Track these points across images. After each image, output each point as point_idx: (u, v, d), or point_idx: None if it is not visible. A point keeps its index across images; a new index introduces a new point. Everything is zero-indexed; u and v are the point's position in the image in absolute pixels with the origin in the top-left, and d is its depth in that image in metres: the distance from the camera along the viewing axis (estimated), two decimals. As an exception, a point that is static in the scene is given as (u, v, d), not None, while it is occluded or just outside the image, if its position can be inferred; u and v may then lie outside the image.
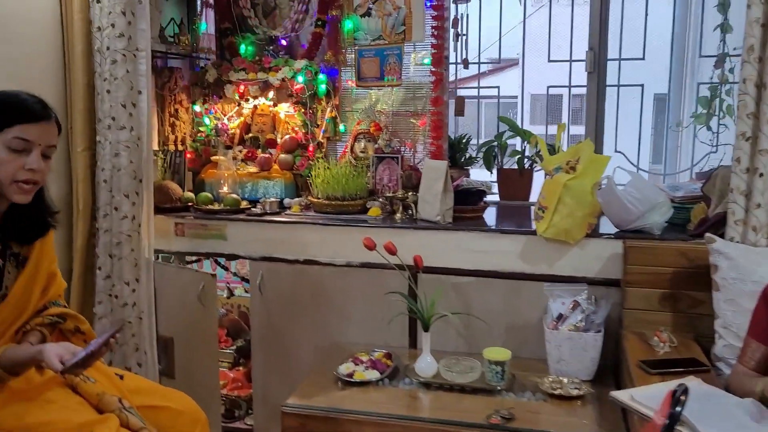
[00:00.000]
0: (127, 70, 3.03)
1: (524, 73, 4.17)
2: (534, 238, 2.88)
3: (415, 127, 3.80)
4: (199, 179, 3.65)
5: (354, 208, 3.31)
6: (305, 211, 3.40)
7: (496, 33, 4.39)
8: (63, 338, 2.16)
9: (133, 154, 3.07)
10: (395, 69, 3.76)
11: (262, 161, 3.60)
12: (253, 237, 3.26)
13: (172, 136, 3.96)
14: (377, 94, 3.80)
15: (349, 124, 3.85)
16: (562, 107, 4.15)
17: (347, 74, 3.82)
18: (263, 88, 3.64)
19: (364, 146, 3.65)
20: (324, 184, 3.31)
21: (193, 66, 4.09)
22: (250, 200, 3.52)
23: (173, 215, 3.36)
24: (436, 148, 3.72)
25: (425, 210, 3.15)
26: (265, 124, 3.80)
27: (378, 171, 3.51)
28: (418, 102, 3.77)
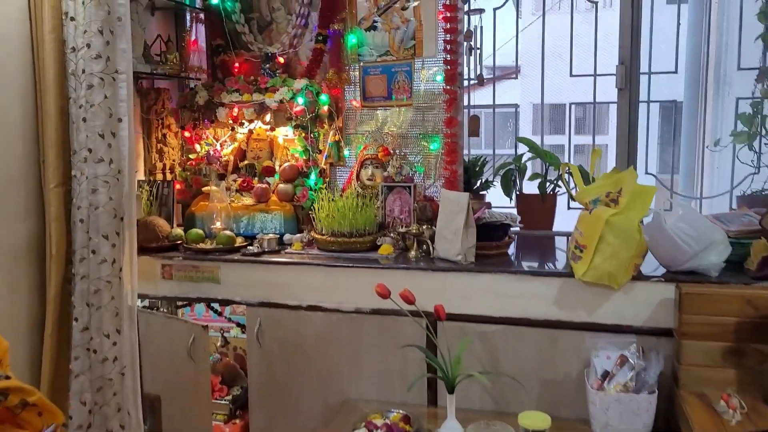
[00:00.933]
0: (106, 95, 2.68)
1: (543, 83, 3.82)
2: (571, 281, 2.52)
3: (426, 150, 3.45)
4: (189, 213, 3.29)
5: (363, 246, 2.95)
6: (308, 248, 3.04)
7: (508, 44, 4.05)
8: (9, 416, 1.80)
9: (113, 189, 2.72)
10: (404, 87, 3.42)
11: (258, 192, 3.25)
12: (250, 280, 2.90)
13: (160, 164, 3.61)
14: (384, 115, 3.45)
15: (354, 148, 3.50)
16: (565, 117, 3.78)
17: (351, 94, 3.48)
18: (259, 111, 3.29)
19: (372, 173, 3.30)
20: (329, 218, 2.95)
21: (183, 87, 3.74)
22: (245, 236, 3.16)
23: (160, 256, 2.99)
24: (450, 173, 3.37)
25: (444, 247, 2.79)
26: (261, 150, 3.45)
27: (388, 201, 3.15)
28: (428, 123, 3.43)
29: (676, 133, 4.18)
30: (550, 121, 14.96)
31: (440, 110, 3.40)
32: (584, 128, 15.31)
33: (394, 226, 3.08)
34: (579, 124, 15.11)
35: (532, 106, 12.40)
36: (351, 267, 2.78)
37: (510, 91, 3.90)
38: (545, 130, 4.25)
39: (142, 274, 2.95)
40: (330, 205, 3.00)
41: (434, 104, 3.42)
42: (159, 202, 3.36)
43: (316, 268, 2.82)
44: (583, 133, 14.76)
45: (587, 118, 15.30)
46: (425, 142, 3.45)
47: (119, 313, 2.77)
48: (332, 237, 2.95)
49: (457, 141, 3.39)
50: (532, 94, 4.72)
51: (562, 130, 12.84)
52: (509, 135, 5.75)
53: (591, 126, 14.45)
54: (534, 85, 4.16)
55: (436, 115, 3.41)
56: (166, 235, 3.08)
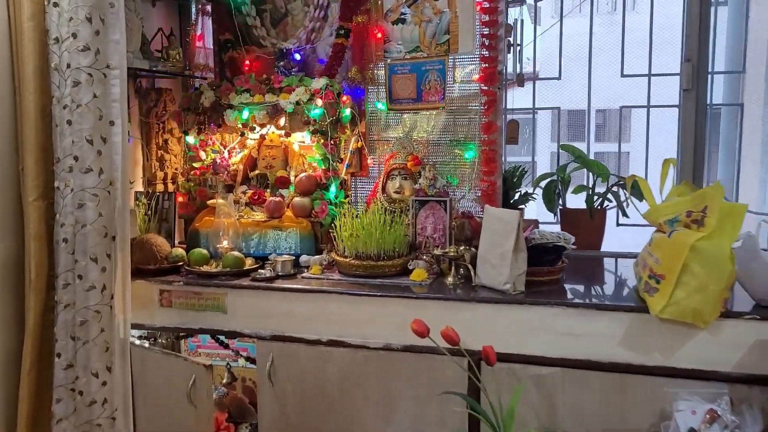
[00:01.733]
0: (95, 94, 2.31)
1: (591, 85, 3.43)
2: (644, 317, 2.11)
3: (459, 159, 3.05)
4: (193, 229, 2.90)
5: (392, 270, 2.54)
6: (328, 272, 2.64)
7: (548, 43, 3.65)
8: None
9: (103, 204, 2.34)
10: (436, 88, 3.02)
11: (271, 206, 2.85)
12: (261, 309, 2.50)
13: (161, 173, 3.22)
14: (414, 119, 3.06)
15: (378, 156, 3.11)
16: (587, 123, 3.36)
17: (376, 95, 3.09)
18: (272, 114, 2.90)
19: (400, 185, 2.90)
20: (352, 238, 2.55)
21: (187, 87, 3.36)
22: (256, 257, 2.76)
23: (158, 280, 2.60)
24: (488, 185, 2.97)
25: (488, 274, 2.38)
26: (275, 159, 3.05)
27: (419, 218, 2.75)
28: (463, 128, 3.03)
29: (742, 140, 3.76)
30: (568, 128, 14.52)
31: (477, 114, 3.01)
32: (604, 135, 14.83)
33: (428, 246, 2.68)
34: (598, 131, 14.65)
35: (550, 112, 11.97)
36: (379, 296, 2.38)
37: (541, 93, 3.49)
38: (563, 137, 3.83)
39: (137, 300, 2.57)
40: (353, 222, 2.60)
41: (470, 107, 3.02)
42: (158, 217, 2.97)
43: (338, 296, 2.42)
44: (602, 140, 14.29)
45: (607, 125, 14.82)
46: (459, 150, 3.06)
47: (110, 347, 2.39)
48: (356, 260, 2.54)
49: (495, 149, 2.99)
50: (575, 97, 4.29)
51: (580, 137, 12.42)
52: (524, 141, 5.32)
53: (612, 133, 13.98)
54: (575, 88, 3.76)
55: (471, 120, 3.01)
56: (166, 255, 2.69)
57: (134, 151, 3.13)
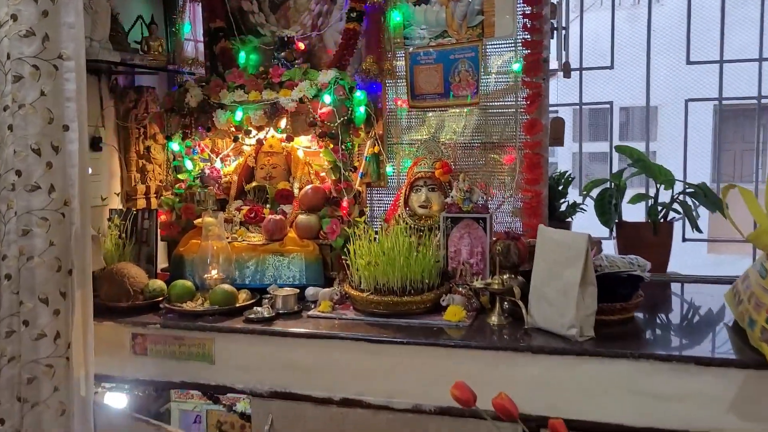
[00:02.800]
0: (43, 91, 1.83)
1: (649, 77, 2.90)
2: (764, 374, 1.58)
3: (496, 165, 2.54)
4: (177, 255, 2.40)
5: (421, 307, 2.03)
6: (340, 309, 2.13)
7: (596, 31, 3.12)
8: None
9: (56, 230, 1.86)
10: (468, 80, 2.51)
11: (270, 226, 2.35)
12: (257, 358, 2.00)
13: (142, 186, 2.73)
14: (441, 118, 2.56)
15: (399, 163, 2.60)
16: (610, 122, 2.83)
17: (396, 90, 2.59)
18: (272, 114, 2.40)
19: (426, 198, 2.38)
20: (371, 267, 2.04)
21: (175, 84, 2.87)
22: (253, 289, 2.26)
23: (130, 321, 2.10)
24: (532, 196, 2.46)
25: (544, 313, 1.86)
26: (275, 168, 2.55)
27: (451, 239, 2.23)
28: (499, 128, 2.52)
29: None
30: (589, 127, 13.92)
31: (517, 111, 2.49)
32: (628, 134, 14.24)
33: (464, 275, 2.15)
34: (621, 130, 14.04)
35: (570, 108, 11.38)
36: (406, 343, 1.86)
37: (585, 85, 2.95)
38: (585, 137, 3.31)
39: (105, 347, 2.07)
40: (371, 246, 2.09)
41: (508, 103, 2.51)
42: (137, 240, 2.47)
43: (354, 343, 1.91)
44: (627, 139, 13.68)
45: (630, 123, 14.23)
46: (495, 155, 2.55)
47: (66, 410, 1.91)
48: (376, 294, 2.03)
49: (540, 152, 2.48)
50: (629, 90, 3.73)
51: (602, 136, 11.81)
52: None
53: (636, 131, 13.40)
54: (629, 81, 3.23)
55: (510, 118, 2.50)
56: (141, 289, 2.19)
57: (110, 161, 2.64)
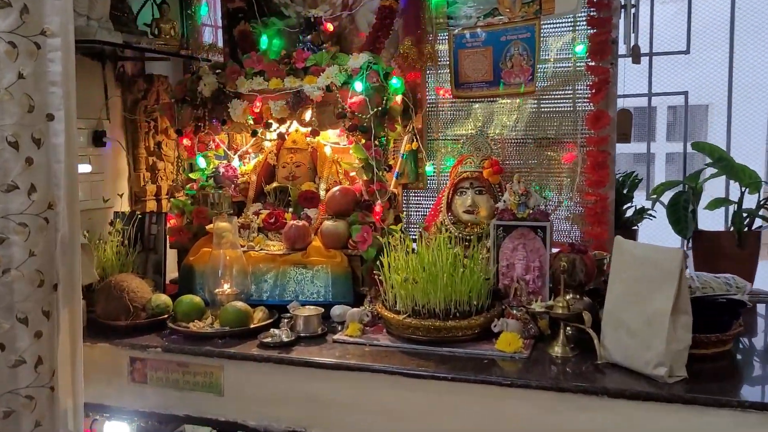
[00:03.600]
0: (21, 73, 1.57)
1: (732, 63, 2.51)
2: None
3: (553, 164, 2.20)
4: (186, 265, 2.10)
5: (467, 334, 1.70)
6: (372, 332, 1.81)
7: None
8: None
9: (38, 238, 1.59)
10: (522, 66, 2.18)
11: (292, 233, 2.04)
12: (273, 391, 1.69)
13: (152, 186, 2.44)
14: (489, 109, 2.23)
15: (440, 161, 2.28)
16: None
17: (438, 77, 2.27)
18: (295, 105, 2.08)
19: (473, 202, 2.05)
20: (408, 284, 1.71)
21: (189, 72, 2.58)
22: (270, 306, 1.95)
23: (128, 342, 1.80)
24: (596, 200, 2.12)
25: (622, 345, 1.51)
26: (298, 167, 2.25)
27: (503, 251, 1.89)
28: (555, 121, 2.19)
29: None
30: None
31: (580, 101, 2.15)
32: (674, 135, 13.65)
33: (519, 295, 1.81)
34: (668, 130, 13.46)
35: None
36: (450, 379, 1.53)
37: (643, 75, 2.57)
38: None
39: (98, 371, 1.79)
40: (410, 259, 1.76)
41: (569, 92, 2.17)
42: (143, 247, 2.19)
43: (388, 377, 1.58)
44: (675, 139, 13.10)
45: (677, 123, 13.65)
46: (552, 152, 2.20)
47: (50, 449, 1.61)
48: (414, 318, 1.70)
49: (607, 149, 2.13)
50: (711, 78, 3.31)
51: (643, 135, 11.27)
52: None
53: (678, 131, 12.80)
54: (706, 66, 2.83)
55: (571, 110, 2.16)
56: (143, 305, 1.90)
57: (115, 158, 2.36)
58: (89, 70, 2.25)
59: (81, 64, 2.21)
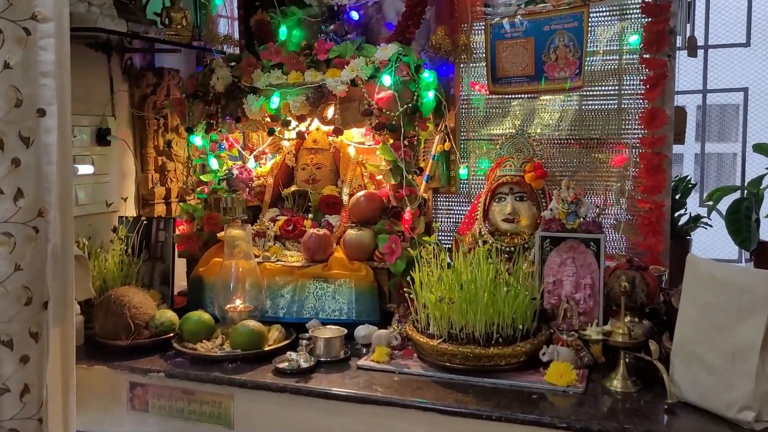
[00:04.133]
0: (8, 63, 1.39)
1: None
2: None
3: (601, 167, 1.98)
4: (195, 277, 1.91)
5: (511, 363, 1.48)
6: (402, 359, 1.60)
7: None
8: None
9: (25, 249, 1.42)
10: (567, 58, 1.96)
11: (312, 243, 1.84)
12: (289, 424, 1.50)
13: (161, 189, 2.26)
14: (530, 107, 2.01)
15: (474, 163, 2.08)
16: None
17: (473, 72, 2.06)
18: (316, 100, 1.88)
19: (513, 209, 1.84)
20: (443, 305, 1.50)
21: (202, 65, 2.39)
22: (287, 324, 1.75)
23: (128, 365, 1.61)
24: (652, 208, 1.89)
25: (697, 382, 1.29)
26: (319, 169, 2.05)
27: (549, 265, 1.67)
28: (603, 120, 1.97)
29: None
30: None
31: (631, 98, 1.93)
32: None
33: (569, 317, 1.59)
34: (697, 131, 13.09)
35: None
36: (495, 419, 1.31)
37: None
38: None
39: (95, 398, 1.61)
40: (444, 274, 1.55)
41: (617, 88, 1.95)
42: (149, 255, 2.00)
43: (420, 414, 1.37)
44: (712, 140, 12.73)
45: (726, 121, 13.29)
46: (600, 154, 1.99)
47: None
48: (451, 344, 1.49)
49: (663, 151, 1.91)
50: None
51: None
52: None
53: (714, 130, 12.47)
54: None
55: (622, 108, 1.94)
56: (146, 323, 1.70)
57: (121, 158, 2.18)
58: (93, 63, 2.07)
59: (84, 56, 2.04)
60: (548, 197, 1.88)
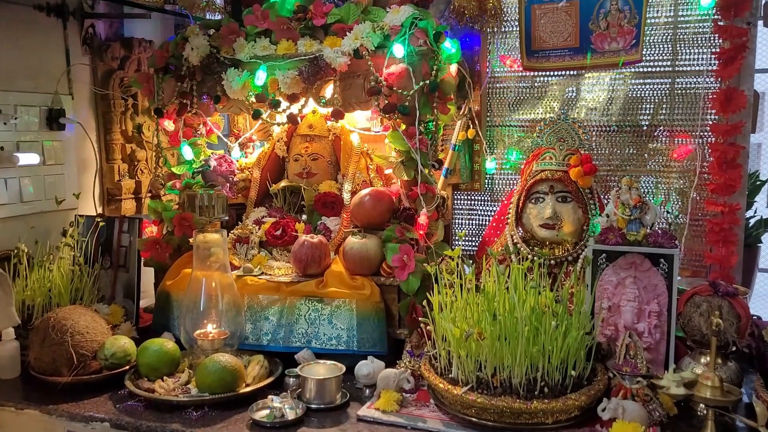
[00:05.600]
0: None
1: None
2: None
3: (659, 160, 1.61)
4: (162, 293, 1.57)
5: (560, 420, 1.12)
6: (416, 408, 1.25)
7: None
8: None
9: None
10: (621, 26, 1.59)
11: (305, 253, 1.48)
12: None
13: (129, 182, 1.91)
14: (574, 85, 1.65)
15: (501, 153, 1.72)
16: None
17: (503, 42, 1.69)
18: (311, 76, 1.52)
19: (554, 212, 1.48)
20: (470, 343, 1.14)
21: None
22: (272, 354, 1.40)
23: (67, 410, 1.27)
24: (724, 213, 1.52)
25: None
26: (316, 160, 1.69)
27: (603, 289, 1.31)
28: (661, 104, 1.61)
29: None
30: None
31: (701, 77, 1.56)
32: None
33: (632, 356, 1.23)
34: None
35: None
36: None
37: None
38: None
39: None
40: (471, 298, 1.19)
41: (681, 63, 1.58)
42: (111, 264, 1.66)
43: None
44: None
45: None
46: (657, 144, 1.63)
47: None
48: (480, 393, 1.13)
49: (739, 142, 1.53)
50: None
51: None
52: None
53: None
54: None
55: (688, 88, 1.57)
56: (93, 353, 1.36)
57: (79, 144, 1.83)
58: (44, 30, 1.72)
59: (32, 22, 1.68)
60: (597, 198, 1.53)
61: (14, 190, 1.63)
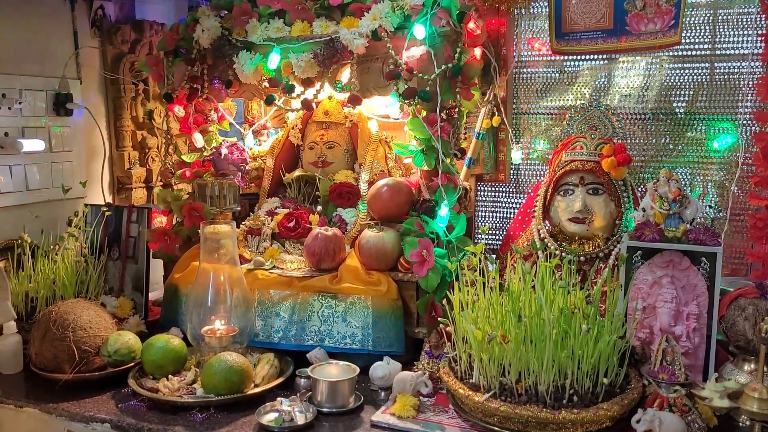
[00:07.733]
0: None
1: None
2: None
3: (698, 150, 1.51)
4: (170, 286, 1.50)
5: (593, 429, 1.03)
6: (434, 413, 1.17)
7: None
8: None
9: None
10: (659, 6, 1.49)
11: (319, 246, 1.40)
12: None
13: (140, 170, 1.85)
14: (607, 70, 1.55)
15: (528, 143, 1.62)
16: None
17: (531, 24, 1.59)
18: (327, 59, 1.43)
19: (584, 205, 1.38)
20: (493, 347, 1.06)
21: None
22: (283, 353, 1.33)
23: (67, 409, 1.21)
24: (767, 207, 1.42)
25: None
26: (332, 148, 1.61)
27: (638, 287, 1.21)
28: (701, 90, 1.50)
29: None
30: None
31: (745, 61, 1.45)
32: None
33: (669, 362, 1.13)
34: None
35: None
36: None
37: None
38: None
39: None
40: (495, 298, 1.11)
41: (722, 46, 1.47)
42: (119, 255, 1.60)
43: None
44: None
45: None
46: (695, 133, 1.52)
47: None
48: (503, 402, 1.05)
49: (787, 133, 1.43)
50: None
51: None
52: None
53: None
54: None
55: (730, 73, 1.46)
56: (97, 349, 1.30)
57: (88, 131, 1.77)
58: (51, 12, 1.67)
59: (39, 3, 1.63)
60: (631, 190, 1.43)
61: (19, 178, 1.58)
